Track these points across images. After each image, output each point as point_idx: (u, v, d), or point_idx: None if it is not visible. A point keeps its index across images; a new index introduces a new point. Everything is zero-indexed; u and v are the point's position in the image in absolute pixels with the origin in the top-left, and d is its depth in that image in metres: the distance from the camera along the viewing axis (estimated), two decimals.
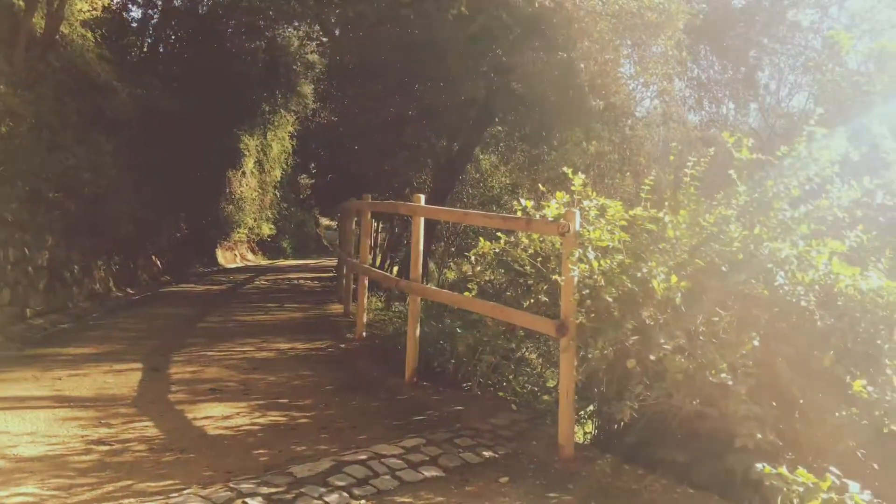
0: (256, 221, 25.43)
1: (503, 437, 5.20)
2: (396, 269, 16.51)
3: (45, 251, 10.06)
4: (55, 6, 10.33)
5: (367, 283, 9.28)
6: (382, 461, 4.50)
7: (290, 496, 3.91)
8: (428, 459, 4.60)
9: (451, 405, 6.09)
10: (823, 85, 9.23)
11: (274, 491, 3.96)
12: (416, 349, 6.72)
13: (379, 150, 15.61)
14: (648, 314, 4.70)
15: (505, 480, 4.35)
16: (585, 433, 6.11)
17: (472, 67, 13.11)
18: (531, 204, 5.54)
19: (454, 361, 6.89)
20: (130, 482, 4.17)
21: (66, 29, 11.35)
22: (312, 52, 20.83)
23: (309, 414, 5.77)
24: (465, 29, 12.42)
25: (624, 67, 14.54)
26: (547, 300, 5.93)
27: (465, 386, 6.79)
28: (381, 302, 12.08)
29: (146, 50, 17.69)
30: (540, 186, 6.45)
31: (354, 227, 12.03)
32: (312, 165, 25.61)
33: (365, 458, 4.52)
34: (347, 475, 4.23)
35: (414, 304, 6.80)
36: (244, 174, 23.18)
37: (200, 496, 3.87)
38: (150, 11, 17.80)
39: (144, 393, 6.28)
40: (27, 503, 3.84)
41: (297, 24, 18.33)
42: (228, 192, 21.97)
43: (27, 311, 9.43)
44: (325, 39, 17.58)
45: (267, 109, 21.38)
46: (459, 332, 6.80)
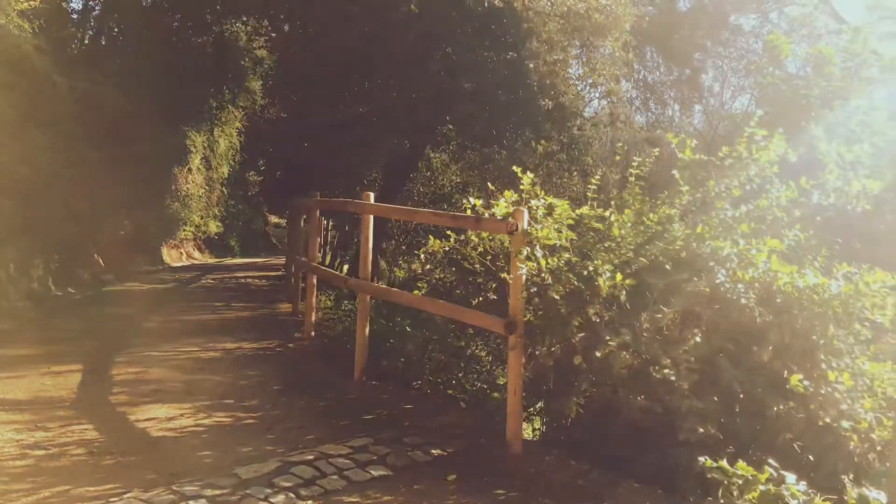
0: (203, 219, 24.91)
1: (452, 435, 5.21)
2: (347, 267, 16.40)
3: None
4: None
5: (315, 281, 9.19)
6: (330, 461, 4.46)
7: (234, 498, 3.85)
8: (376, 459, 4.58)
9: (400, 404, 6.08)
10: (764, 88, 9.50)
11: (218, 493, 3.89)
12: (365, 348, 6.69)
13: (329, 147, 15.47)
14: (594, 311, 4.76)
15: (453, 478, 4.35)
16: (534, 430, 6.17)
17: (422, 66, 13.11)
18: (480, 203, 5.56)
19: (404, 360, 6.89)
20: (68, 487, 4.04)
21: (1, 19, 10.95)
22: (261, 47, 20.53)
23: (255, 414, 5.69)
24: (414, 28, 12.42)
25: (572, 68, 14.75)
26: (496, 298, 5.96)
27: (414, 384, 6.79)
28: (330, 301, 11.97)
29: (87, 42, 17.19)
30: (489, 185, 6.48)
31: (303, 225, 11.90)
32: (261, 162, 25.27)
33: (312, 458, 4.48)
34: (294, 476, 4.19)
35: (363, 302, 6.76)
36: (191, 171, 22.69)
37: (142, 500, 3.78)
38: (91, 2, 17.32)
39: (84, 395, 6.10)
40: None
41: (245, 18, 18.05)
42: (174, 189, 21.47)
43: None
44: (274, 35, 17.36)
45: (214, 105, 20.97)
46: (409, 330, 6.80)
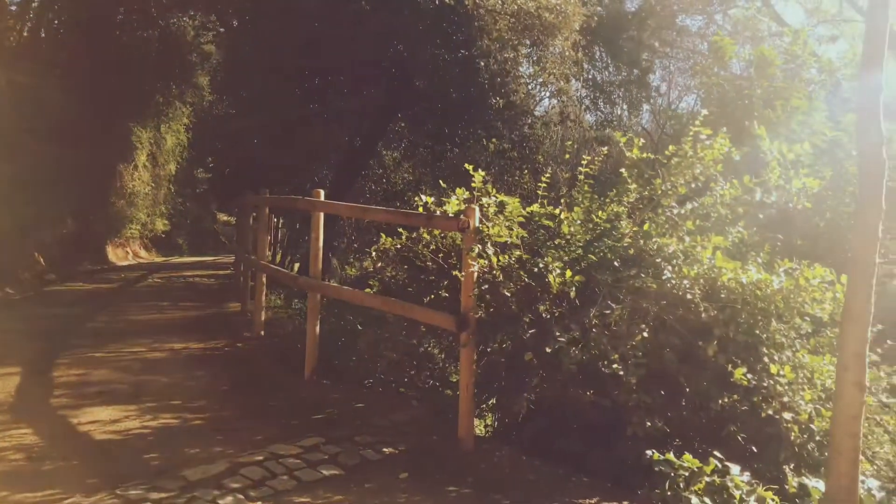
0: (150, 217, 24.41)
1: (404, 433, 5.20)
2: (297, 265, 16.23)
3: None
4: None
5: (265, 280, 9.08)
6: (280, 461, 4.41)
7: (181, 501, 3.77)
8: (327, 458, 4.54)
9: (351, 402, 6.04)
10: (709, 88, 9.68)
11: (165, 496, 3.81)
12: (315, 347, 6.63)
13: (279, 144, 15.27)
14: (545, 308, 4.80)
15: (405, 476, 4.35)
16: (486, 426, 6.19)
17: (374, 64, 13.04)
18: (432, 200, 5.56)
19: (355, 358, 6.85)
20: (6, 493, 3.91)
21: None
22: (209, 42, 20.17)
23: (203, 415, 5.58)
24: (367, 24, 12.34)
25: (523, 67, 14.85)
26: (448, 296, 5.97)
27: (366, 383, 6.76)
28: (280, 300, 11.84)
29: (26, 35, 16.62)
30: (441, 183, 6.48)
31: (253, 223, 11.73)
32: (210, 159, 24.78)
33: (262, 458, 4.42)
34: (243, 477, 4.13)
35: (313, 301, 6.70)
36: (136, 168, 22.19)
37: None
38: None
39: (24, 398, 5.91)
40: None
41: (192, 13, 17.70)
42: (119, 186, 20.98)
43: None
44: (222, 30, 17.06)
45: (161, 101, 20.54)
46: (360, 328, 6.76)
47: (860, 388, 3.71)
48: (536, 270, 4.89)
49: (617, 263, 4.97)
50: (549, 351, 4.56)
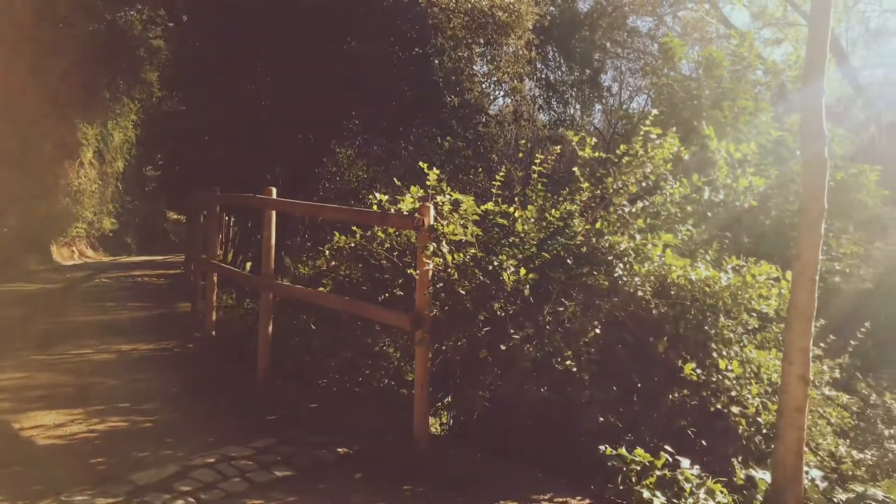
0: (97, 216, 23.83)
1: (359, 432, 5.17)
2: (250, 264, 16.01)
3: None
4: None
5: (216, 279, 8.93)
6: (232, 463, 4.34)
7: None
8: (280, 459, 4.49)
9: (305, 403, 5.98)
10: (659, 88, 9.85)
11: (112, 501, 3.71)
12: (268, 347, 6.55)
13: (231, 141, 15.03)
14: (499, 306, 4.83)
15: (359, 476, 4.32)
16: (442, 424, 6.20)
17: (328, 61, 12.93)
18: (386, 198, 5.53)
19: (309, 358, 6.78)
20: None
21: None
22: (158, 37, 19.72)
23: (153, 418, 5.46)
24: (320, 21, 12.23)
25: (477, 65, 14.89)
26: (403, 294, 5.96)
27: (320, 383, 6.69)
28: (232, 299, 11.66)
29: None
30: (396, 181, 6.46)
31: (204, 221, 11.52)
32: (159, 157, 24.33)
33: (213, 461, 4.34)
34: (194, 480, 4.05)
35: (266, 300, 6.62)
36: (82, 165, 21.63)
37: None
38: None
39: None
40: None
41: (139, 7, 17.31)
42: (64, 184, 20.42)
43: None
44: (171, 25, 16.71)
45: (107, 96, 20.03)
46: (314, 328, 6.69)
47: (804, 381, 3.82)
48: (491, 268, 4.91)
49: (570, 261, 5.02)
50: (503, 348, 4.59)
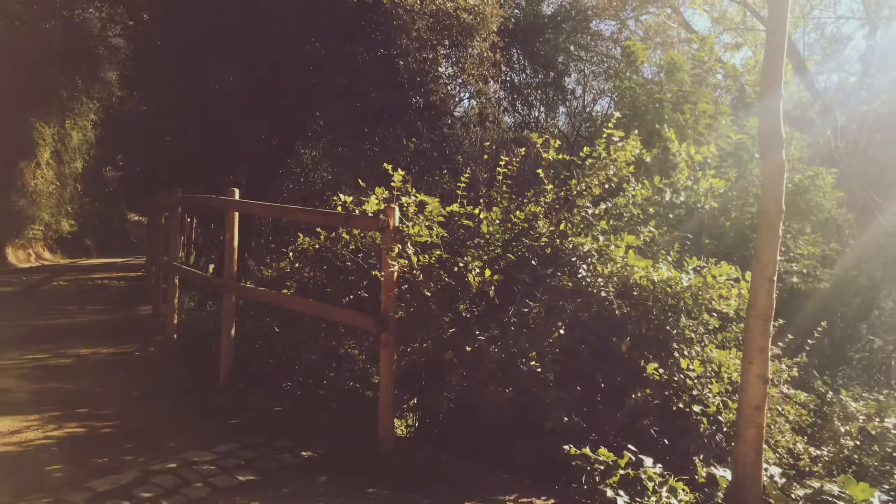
0: (54, 217, 23.29)
1: (323, 436, 5.13)
2: (213, 266, 15.81)
3: None
4: None
5: (178, 282, 8.79)
6: (194, 468, 4.27)
7: None
8: (243, 464, 4.43)
9: (269, 406, 5.92)
10: (622, 92, 9.97)
11: None
12: (231, 350, 6.46)
13: (193, 142, 14.83)
14: (465, 307, 4.84)
15: (324, 479, 4.30)
16: (407, 426, 6.18)
17: (293, 62, 12.82)
18: (350, 199, 5.51)
19: (273, 361, 6.71)
20: None
21: None
22: (117, 36, 19.34)
23: (113, 423, 5.36)
24: (285, 22, 12.12)
25: (442, 67, 14.89)
26: (367, 296, 5.93)
27: (284, 386, 6.63)
28: (194, 302, 11.49)
29: None
30: (360, 182, 6.43)
31: (165, 223, 11.35)
32: (120, 157, 23.84)
33: (175, 466, 4.27)
34: (155, 485, 3.98)
35: (228, 302, 6.54)
36: (39, 165, 21.14)
37: None
38: None
39: None
40: None
41: (98, 4, 16.96)
42: (20, 184, 19.93)
43: None
44: (131, 23, 16.40)
45: (65, 95, 19.60)
46: (278, 331, 6.63)
47: (763, 380, 3.90)
48: (456, 270, 4.91)
49: (535, 262, 5.05)
50: (469, 350, 4.59)
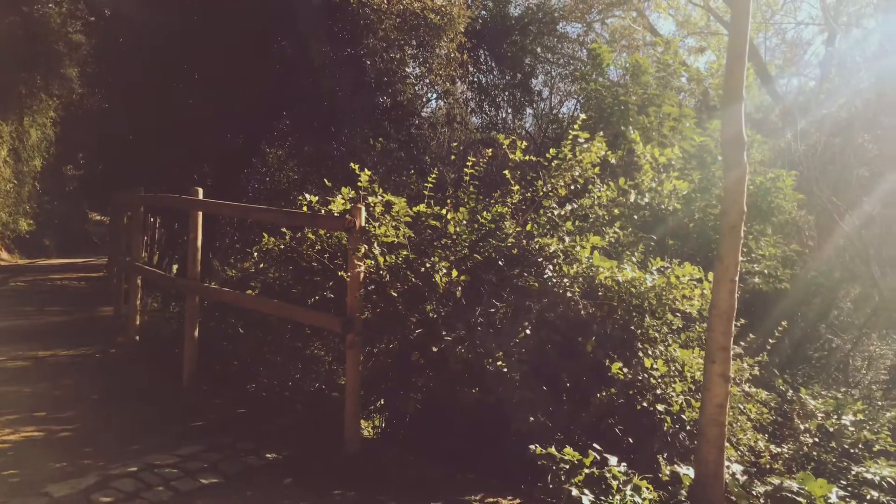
0: (12, 216, 22.76)
1: (288, 438, 5.09)
2: (176, 267, 15.59)
3: None
4: None
5: (140, 282, 8.64)
6: (156, 472, 4.21)
7: None
8: (207, 466, 4.37)
9: (233, 408, 5.85)
10: (588, 94, 10.04)
11: None
12: (194, 352, 6.38)
13: (157, 140, 14.60)
14: (431, 308, 4.83)
15: (289, 482, 4.26)
16: (374, 428, 6.15)
17: (259, 60, 12.70)
18: (316, 199, 5.47)
19: (237, 363, 6.64)
20: None
21: None
22: (78, 32, 18.98)
23: (72, 427, 5.24)
24: (251, 20, 12.00)
25: (410, 68, 14.86)
26: (333, 297, 5.89)
27: (249, 388, 6.56)
28: (157, 303, 11.32)
29: None
30: (327, 182, 6.39)
31: (127, 222, 11.15)
32: (81, 155, 23.38)
33: (136, 469, 4.20)
34: (115, 490, 3.91)
35: (192, 303, 6.45)
36: None
37: None
38: None
39: None
40: None
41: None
42: None
43: None
44: (92, 19, 16.11)
45: (24, 92, 19.17)
46: (242, 332, 6.56)
47: (725, 379, 3.96)
48: (423, 270, 4.91)
49: (501, 263, 5.07)
50: (435, 350, 4.59)
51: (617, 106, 8.89)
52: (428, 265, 4.92)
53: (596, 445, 4.21)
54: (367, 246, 4.89)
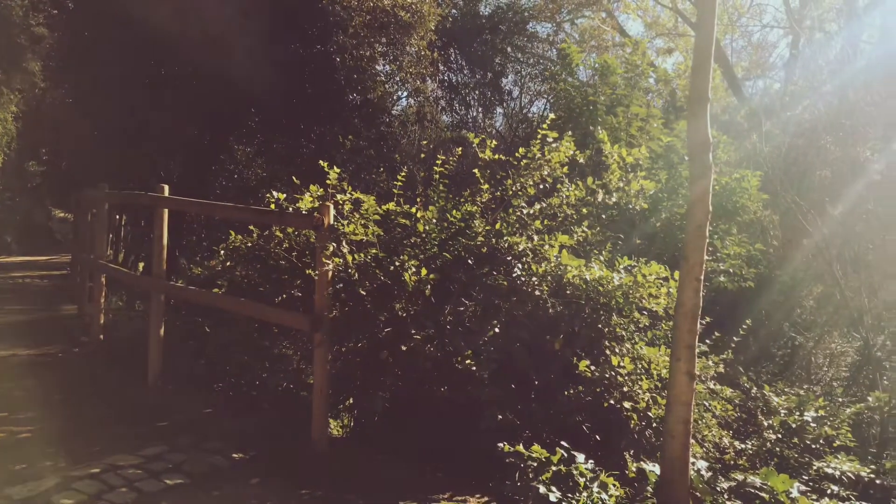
0: None
1: (256, 437, 5.04)
2: (142, 265, 15.35)
3: None
4: None
5: (105, 281, 8.50)
6: (119, 473, 4.14)
7: None
8: (171, 467, 4.32)
9: (199, 408, 5.78)
10: (558, 94, 10.10)
11: None
12: (160, 351, 6.29)
13: (122, 136, 14.36)
14: (401, 306, 4.82)
15: (256, 482, 4.22)
16: (343, 427, 6.12)
17: (228, 56, 12.55)
18: (284, 197, 5.42)
19: (203, 362, 6.55)
20: None
21: None
22: (41, 24, 18.58)
23: (32, 427, 5.14)
24: (218, 15, 11.87)
25: (380, 65, 14.82)
26: (301, 295, 5.85)
27: (215, 387, 6.48)
28: (122, 301, 11.13)
29: None
30: (294, 179, 6.34)
31: (91, 220, 10.95)
32: (43, 151, 22.94)
33: (98, 471, 4.13)
34: (76, 492, 3.84)
35: (157, 302, 6.35)
36: None
37: None
38: None
39: None
40: None
41: None
42: None
43: None
44: (55, 12, 15.79)
45: None
46: (208, 331, 6.48)
47: (691, 377, 4.00)
48: (392, 269, 4.89)
49: (471, 261, 5.07)
50: (404, 349, 4.59)
51: (586, 106, 8.95)
52: (397, 263, 4.91)
53: (564, 443, 4.23)
54: (335, 244, 4.86)
